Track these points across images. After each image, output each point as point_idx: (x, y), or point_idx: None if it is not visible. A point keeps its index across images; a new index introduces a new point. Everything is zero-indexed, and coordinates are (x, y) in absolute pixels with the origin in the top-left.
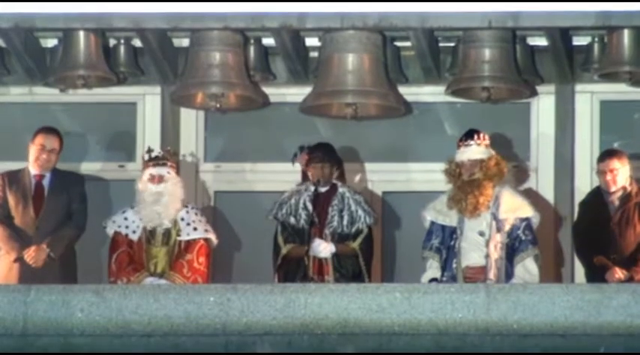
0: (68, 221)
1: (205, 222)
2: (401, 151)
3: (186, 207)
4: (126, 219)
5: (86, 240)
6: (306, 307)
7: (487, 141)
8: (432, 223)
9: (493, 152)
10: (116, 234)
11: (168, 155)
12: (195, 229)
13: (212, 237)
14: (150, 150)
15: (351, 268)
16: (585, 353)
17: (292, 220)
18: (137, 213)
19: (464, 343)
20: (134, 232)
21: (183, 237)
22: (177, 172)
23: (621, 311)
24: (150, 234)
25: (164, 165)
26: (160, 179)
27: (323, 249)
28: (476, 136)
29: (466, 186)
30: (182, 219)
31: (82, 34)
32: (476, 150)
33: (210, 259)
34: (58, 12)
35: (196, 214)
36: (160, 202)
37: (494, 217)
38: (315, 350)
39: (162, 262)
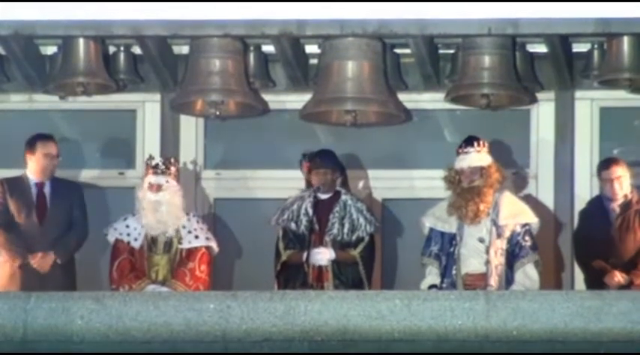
0: (71, 228)
1: (207, 229)
2: (401, 158)
3: (188, 214)
4: (127, 226)
5: (85, 247)
6: (305, 314)
7: (486, 148)
8: (431, 229)
9: (492, 159)
10: (117, 241)
11: (169, 164)
12: (196, 237)
13: (213, 245)
14: (151, 158)
15: (351, 276)
16: None
17: (293, 226)
18: (138, 221)
19: (463, 350)
20: (136, 240)
21: (185, 245)
22: (179, 181)
23: (621, 317)
24: (152, 242)
25: (163, 174)
26: (159, 188)
27: (322, 256)
28: (475, 143)
29: (466, 193)
30: (184, 227)
31: (81, 41)
32: (476, 158)
33: (212, 267)
34: (58, 19)
35: (198, 222)
36: (159, 211)
37: (494, 223)
38: None
39: (164, 270)
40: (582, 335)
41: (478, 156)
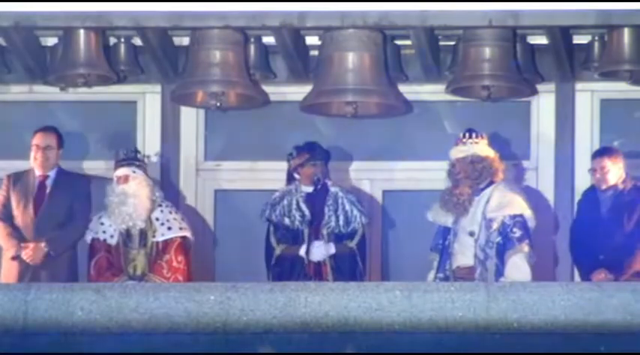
0: (69, 220)
1: (180, 219)
2: (401, 150)
3: (161, 205)
4: (102, 224)
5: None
6: (306, 306)
7: (473, 139)
8: (434, 223)
9: (475, 149)
10: (93, 240)
11: (135, 154)
12: (169, 229)
13: (188, 234)
14: (118, 152)
15: (349, 268)
16: (585, 352)
17: (287, 221)
18: (109, 217)
19: (464, 341)
20: (112, 236)
21: (159, 238)
22: (146, 172)
23: (621, 309)
24: (127, 237)
25: (130, 165)
26: (126, 179)
27: (320, 252)
28: (473, 134)
29: (453, 186)
30: (157, 219)
31: (82, 32)
32: (471, 148)
33: (190, 256)
34: (59, 10)
35: (170, 212)
36: (126, 203)
37: (485, 216)
38: (316, 348)
39: (142, 264)
40: (582, 327)
41: (459, 148)
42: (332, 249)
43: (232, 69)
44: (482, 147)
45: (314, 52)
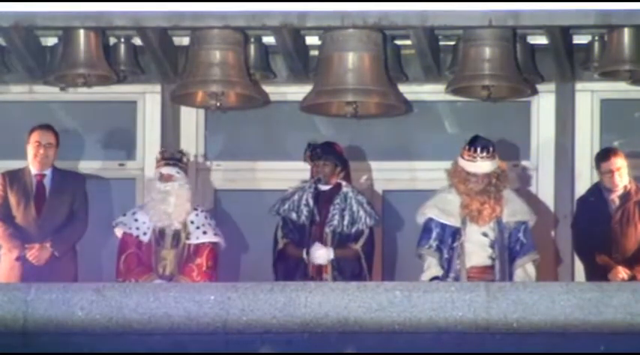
0: (71, 220)
1: (215, 225)
2: (401, 150)
3: (196, 209)
4: (136, 220)
5: (86, 238)
6: (306, 306)
7: (491, 154)
8: (431, 220)
9: (497, 162)
10: (125, 234)
11: (181, 155)
12: (204, 233)
13: (220, 241)
14: (163, 151)
15: (350, 269)
16: (585, 352)
17: (293, 216)
18: (146, 214)
19: (464, 341)
20: (145, 234)
21: (193, 241)
22: (187, 174)
23: (621, 309)
24: (159, 236)
25: (175, 165)
26: (169, 178)
27: (320, 256)
28: (491, 149)
29: (479, 196)
30: (192, 222)
31: (82, 32)
32: (489, 165)
33: (218, 262)
34: (59, 10)
35: (206, 217)
36: (167, 201)
37: (497, 220)
38: (316, 348)
39: (172, 265)
40: (582, 327)
41: (491, 163)
42: (330, 254)
43: (232, 69)
44: (493, 162)
45: (314, 52)
